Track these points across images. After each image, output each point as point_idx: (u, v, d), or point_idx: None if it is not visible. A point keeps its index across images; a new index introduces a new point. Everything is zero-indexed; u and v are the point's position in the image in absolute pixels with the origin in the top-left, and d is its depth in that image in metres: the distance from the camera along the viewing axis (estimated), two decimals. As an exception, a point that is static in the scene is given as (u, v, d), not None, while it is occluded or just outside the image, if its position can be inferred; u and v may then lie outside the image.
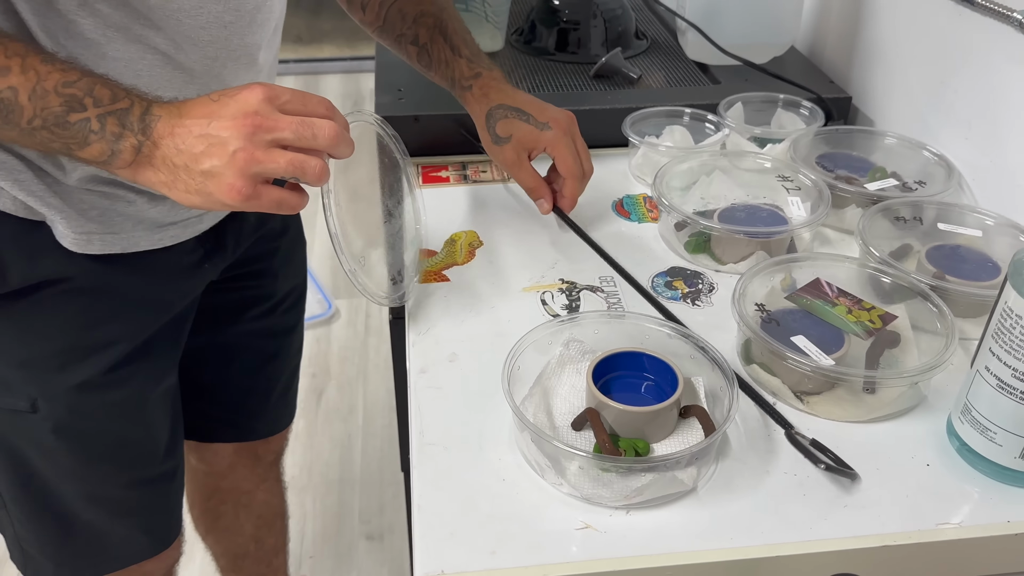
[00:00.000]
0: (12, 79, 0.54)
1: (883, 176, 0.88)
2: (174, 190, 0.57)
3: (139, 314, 0.75)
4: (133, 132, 0.56)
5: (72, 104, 0.55)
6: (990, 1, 0.81)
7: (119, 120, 0.56)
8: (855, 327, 0.66)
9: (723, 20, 1.08)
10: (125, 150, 0.56)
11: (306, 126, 0.57)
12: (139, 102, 0.57)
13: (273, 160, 0.55)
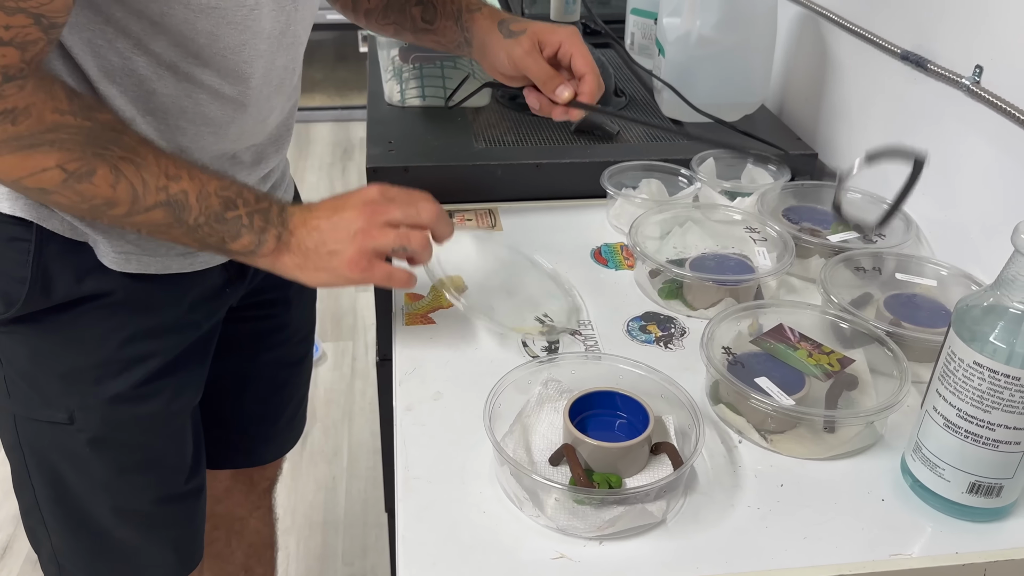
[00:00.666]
0: (184, 184, 0.66)
1: (845, 229, 0.93)
2: (305, 271, 0.69)
3: (170, 332, 0.80)
4: (274, 225, 0.69)
5: (228, 204, 0.67)
6: (941, 68, 0.87)
7: (263, 217, 0.69)
8: (815, 370, 0.71)
9: (697, 80, 1.14)
10: (269, 240, 0.69)
11: (411, 207, 0.70)
12: (276, 204, 0.70)
13: (385, 235, 0.69)
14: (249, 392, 1.00)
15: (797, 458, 0.67)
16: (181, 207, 0.66)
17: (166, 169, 0.65)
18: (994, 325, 0.57)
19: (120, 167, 0.63)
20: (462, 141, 1.11)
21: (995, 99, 0.79)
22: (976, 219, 0.84)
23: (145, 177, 0.64)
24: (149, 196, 0.64)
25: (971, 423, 0.59)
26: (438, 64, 1.24)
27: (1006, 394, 0.57)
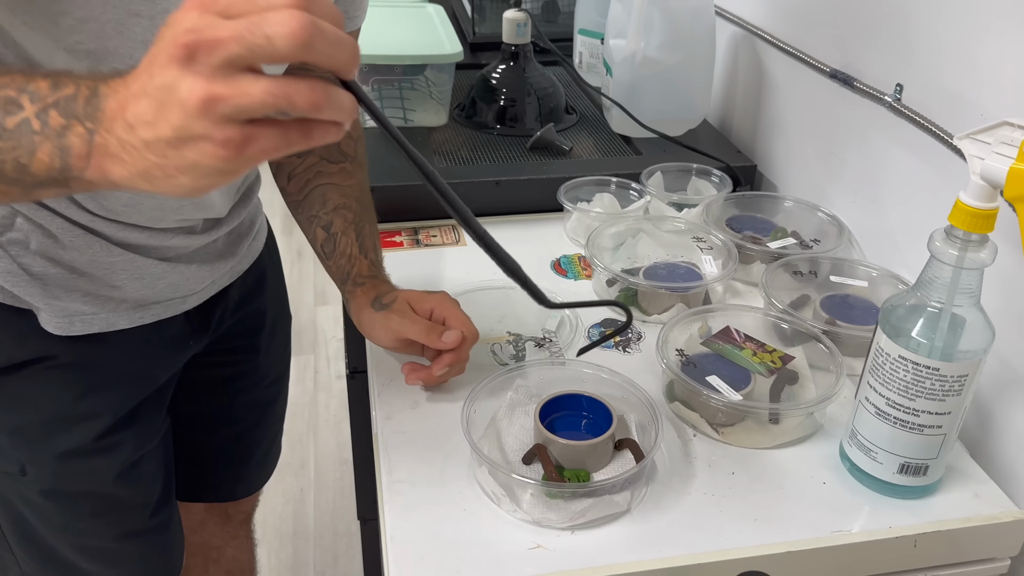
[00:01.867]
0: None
1: (784, 235, 1.01)
2: (154, 180, 0.44)
3: (123, 387, 0.78)
4: (79, 119, 0.45)
5: (6, 106, 0.45)
6: (865, 85, 0.95)
7: (63, 111, 0.45)
8: (760, 367, 0.77)
9: (643, 98, 1.21)
10: (73, 144, 0.45)
11: (256, 29, 0.39)
12: (86, 83, 0.45)
13: (242, 92, 0.40)
14: (219, 432, 0.99)
15: (746, 448, 0.74)
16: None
17: None
18: (916, 322, 0.65)
19: None
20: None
21: (914, 115, 0.87)
22: (901, 224, 0.92)
23: None
24: None
25: (899, 411, 0.66)
26: (396, 85, 1.29)
27: (928, 383, 0.64)
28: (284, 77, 0.41)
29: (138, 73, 0.43)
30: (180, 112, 0.40)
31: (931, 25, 0.84)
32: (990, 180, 0.59)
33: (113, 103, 0.44)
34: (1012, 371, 0.75)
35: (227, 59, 0.40)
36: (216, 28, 0.40)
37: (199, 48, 0.40)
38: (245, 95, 0.40)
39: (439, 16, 1.36)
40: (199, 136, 0.41)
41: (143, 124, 0.42)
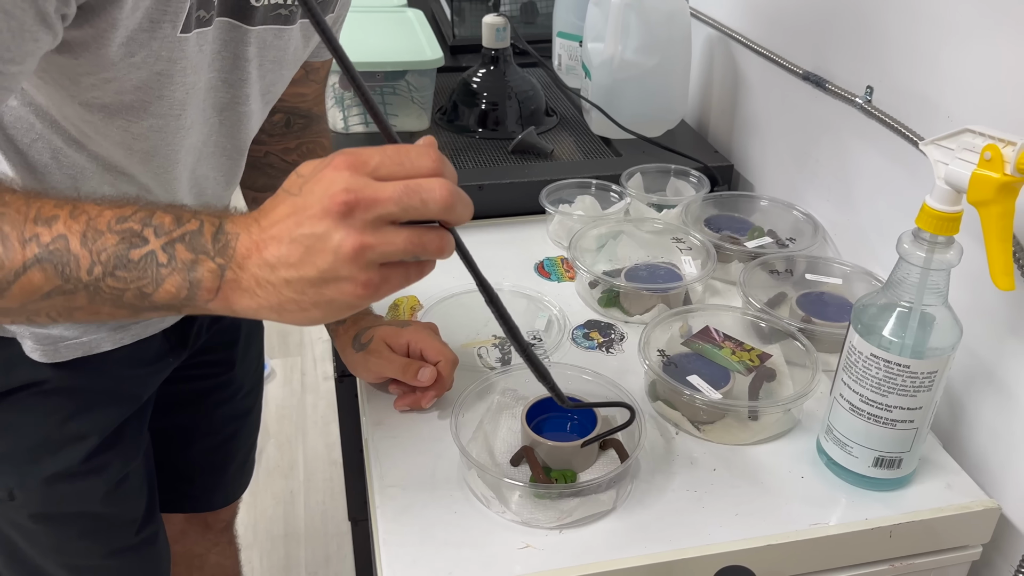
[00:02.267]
0: (59, 227, 0.49)
1: (760, 235, 1.03)
2: (285, 312, 0.49)
3: (107, 408, 0.79)
4: (209, 256, 0.49)
5: (131, 239, 0.49)
6: (837, 87, 0.97)
7: (189, 245, 0.49)
8: (738, 366, 0.80)
9: (621, 100, 1.23)
10: (204, 278, 0.49)
11: (411, 194, 0.47)
12: (209, 220, 0.50)
13: (388, 243, 0.47)
14: (197, 444, 1.00)
15: (727, 444, 0.76)
16: (62, 260, 0.48)
17: (37, 212, 0.49)
18: (886, 321, 0.67)
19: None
20: (406, 165, 1.17)
21: (884, 116, 0.89)
22: (873, 222, 0.95)
23: (4, 229, 0.48)
24: (14, 253, 0.48)
25: (872, 406, 0.68)
26: (378, 91, 1.30)
27: (899, 380, 0.66)
28: (418, 228, 0.49)
29: (276, 217, 0.48)
30: (330, 258, 0.47)
31: (899, 30, 0.86)
32: (954, 184, 0.61)
33: (246, 241, 0.49)
34: (981, 364, 0.78)
35: (381, 216, 0.47)
36: (374, 189, 0.47)
37: (357, 206, 0.46)
38: (391, 244, 0.47)
39: (419, 21, 1.38)
40: (343, 278, 0.47)
41: (286, 265, 0.47)
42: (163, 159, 0.68)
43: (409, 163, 0.48)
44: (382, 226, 0.47)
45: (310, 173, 0.49)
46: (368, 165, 0.48)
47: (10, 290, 0.48)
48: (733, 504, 0.70)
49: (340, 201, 0.46)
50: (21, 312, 0.50)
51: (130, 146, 0.66)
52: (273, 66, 0.72)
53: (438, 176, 0.48)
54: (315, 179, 0.48)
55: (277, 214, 0.49)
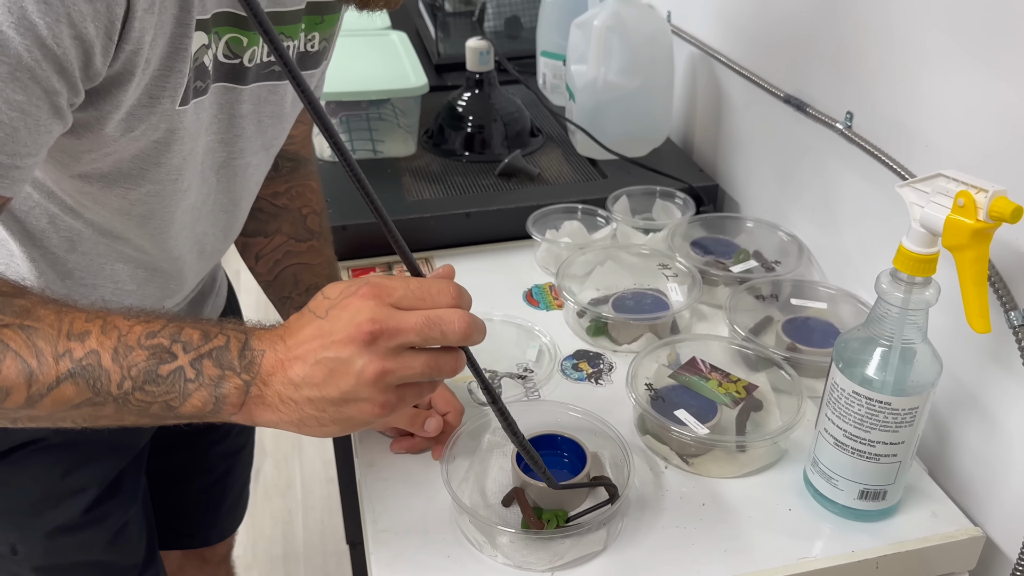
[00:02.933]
0: (92, 342, 0.51)
1: (746, 258, 1.04)
2: (304, 427, 0.53)
3: (106, 458, 0.80)
4: (235, 372, 0.51)
5: (160, 355, 0.51)
6: (818, 112, 0.98)
7: (216, 361, 0.51)
8: (725, 398, 0.81)
9: (606, 120, 1.24)
10: (230, 394, 0.51)
11: (432, 326, 0.52)
12: (235, 336, 0.53)
13: (407, 367, 0.52)
14: (192, 484, 1.01)
15: (715, 478, 0.77)
16: (94, 374, 0.50)
17: (69, 327, 0.51)
18: (868, 358, 0.68)
19: (3, 337, 0.50)
20: (395, 194, 1.18)
21: (864, 142, 0.90)
22: (856, 245, 0.96)
23: (39, 345, 0.50)
24: (47, 369, 0.50)
25: (855, 441, 0.69)
26: (364, 117, 1.31)
27: (881, 416, 0.68)
28: (434, 352, 0.53)
29: (302, 338, 0.52)
30: (353, 381, 0.50)
31: (878, 57, 0.87)
32: (929, 227, 0.62)
33: (271, 359, 0.52)
34: (965, 390, 0.79)
35: (402, 344, 0.51)
36: (397, 320, 0.51)
37: (381, 335, 0.51)
38: (409, 369, 0.52)
39: (403, 44, 1.38)
40: (363, 399, 0.51)
41: (310, 385, 0.51)
42: (160, 221, 0.69)
43: (430, 297, 0.53)
44: (402, 352, 0.52)
45: (336, 297, 0.53)
46: (392, 296, 0.52)
47: (42, 402, 0.50)
48: (722, 540, 0.71)
49: (366, 331, 0.50)
50: (49, 419, 0.52)
51: (127, 211, 0.66)
52: (272, 120, 0.73)
53: (456, 307, 0.53)
54: (341, 305, 0.52)
55: (303, 335, 0.52)
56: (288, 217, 0.91)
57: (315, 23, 0.72)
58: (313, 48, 0.73)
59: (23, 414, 0.51)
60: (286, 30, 0.68)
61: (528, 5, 1.71)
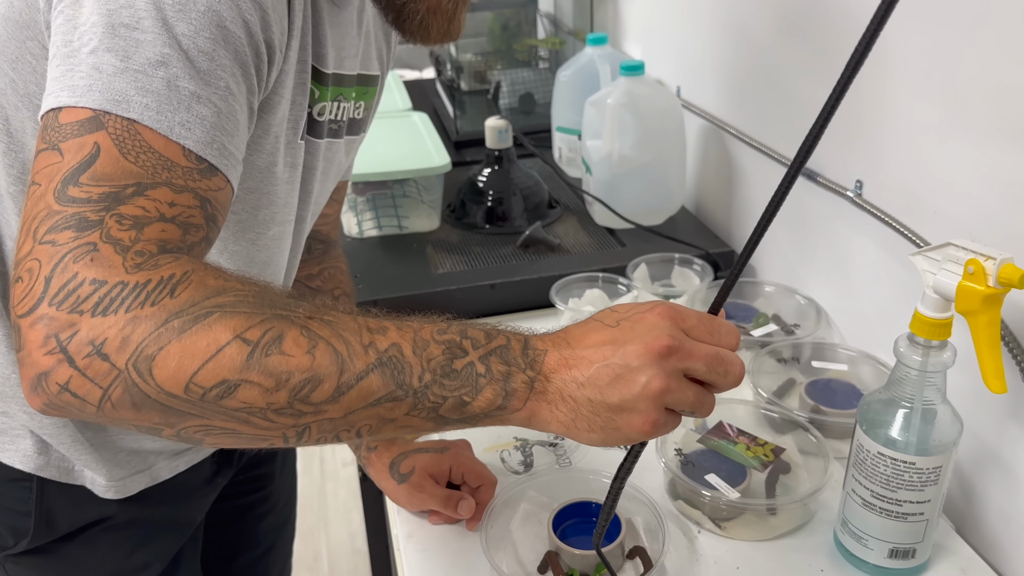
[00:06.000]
0: (392, 335, 0.52)
1: (766, 321, 1.07)
2: (573, 428, 0.53)
3: (168, 535, 0.83)
4: (520, 368, 0.53)
5: (453, 350, 0.53)
6: (828, 181, 1.02)
7: (501, 358, 0.53)
8: (754, 461, 0.83)
9: (622, 192, 1.29)
10: (519, 389, 0.52)
11: (720, 362, 0.53)
12: (514, 337, 0.55)
13: (683, 392, 0.53)
14: (240, 559, 1.03)
15: (748, 541, 0.79)
16: (398, 366, 0.51)
17: (366, 323, 0.53)
18: (891, 419, 0.70)
19: (311, 327, 0.51)
20: (421, 267, 1.22)
21: (875, 210, 0.94)
22: (873, 307, 0.99)
23: (345, 335, 0.51)
24: (357, 359, 0.50)
25: (883, 501, 0.71)
26: (389, 194, 1.36)
27: (906, 476, 0.70)
28: (705, 389, 0.54)
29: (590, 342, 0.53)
30: (636, 390, 0.51)
31: (885, 129, 0.92)
32: (942, 294, 0.65)
33: (555, 358, 0.53)
34: (986, 447, 0.81)
35: (688, 369, 0.53)
36: (692, 345, 0.53)
37: (675, 353, 0.52)
38: (684, 394, 0.53)
39: (424, 124, 1.44)
40: (638, 411, 0.52)
41: (594, 386, 0.52)
42: (276, 267, 0.74)
43: (718, 334, 0.55)
44: (683, 377, 0.53)
45: (627, 312, 0.55)
46: (686, 323, 0.54)
47: (348, 394, 0.50)
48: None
49: (663, 344, 0.52)
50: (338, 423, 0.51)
51: (252, 258, 0.71)
52: (323, 177, 0.79)
53: (741, 366, 0.55)
54: (636, 318, 0.54)
55: (592, 339, 0.53)
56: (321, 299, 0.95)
57: (362, 93, 0.79)
58: (359, 115, 0.81)
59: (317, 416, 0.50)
60: (344, 92, 0.75)
61: (540, 82, 1.78)
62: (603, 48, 1.45)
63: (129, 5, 0.52)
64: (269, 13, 0.57)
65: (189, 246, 0.52)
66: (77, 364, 0.47)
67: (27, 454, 0.72)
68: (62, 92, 0.52)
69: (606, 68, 1.41)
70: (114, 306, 0.48)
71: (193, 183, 0.53)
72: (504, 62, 1.86)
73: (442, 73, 1.85)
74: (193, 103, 0.53)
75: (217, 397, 0.48)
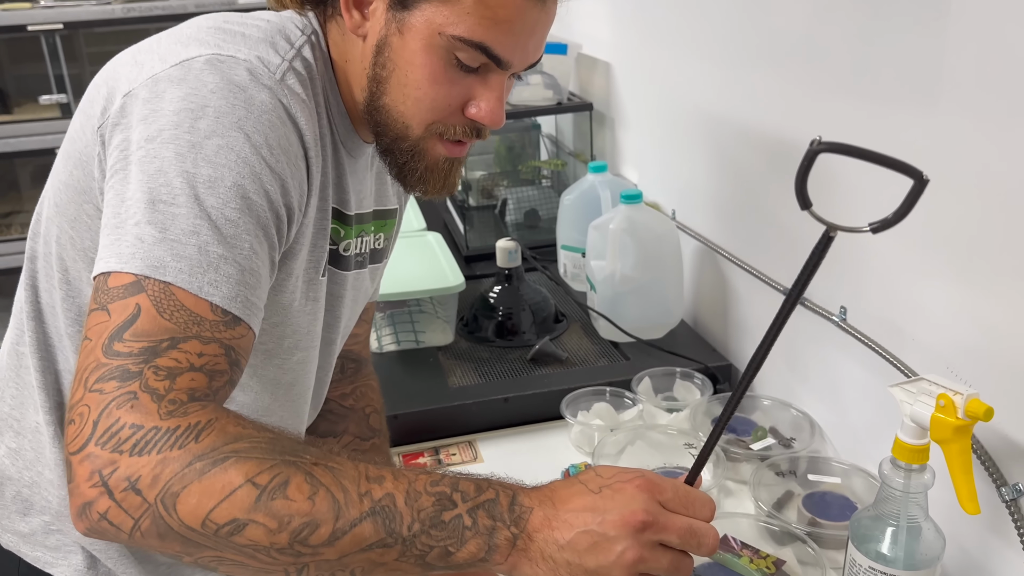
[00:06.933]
0: (388, 486, 0.57)
1: (764, 435, 1.15)
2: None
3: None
4: (506, 524, 0.58)
5: (443, 502, 0.57)
6: (815, 305, 1.12)
7: (488, 512, 0.58)
8: (757, 574, 0.89)
9: (624, 308, 1.38)
10: (502, 544, 0.57)
11: (693, 535, 0.59)
12: (503, 491, 0.59)
13: (657, 560, 0.58)
14: None
15: (754, 650, 0.85)
16: (390, 515, 0.56)
17: (367, 471, 0.58)
18: (880, 535, 0.77)
19: (315, 474, 0.57)
20: (438, 381, 1.30)
21: (858, 334, 1.03)
22: (862, 423, 1.07)
23: (344, 483, 0.57)
24: (352, 507, 0.56)
25: (877, 612, 0.78)
26: (407, 311, 1.45)
27: (896, 588, 0.76)
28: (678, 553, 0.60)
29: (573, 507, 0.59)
30: (611, 559, 0.57)
31: (865, 263, 1.01)
32: (919, 423, 0.74)
33: (539, 517, 0.59)
34: (970, 559, 0.88)
35: (663, 540, 0.58)
36: (666, 519, 0.58)
37: (650, 527, 0.58)
38: (658, 563, 0.59)
39: (439, 244, 1.55)
40: None
41: (573, 550, 0.58)
42: (301, 388, 0.83)
43: (692, 506, 0.61)
44: (657, 546, 0.59)
45: (610, 479, 0.61)
46: (663, 495, 0.60)
47: (342, 540, 0.56)
48: None
49: (639, 520, 0.58)
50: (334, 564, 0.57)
51: (278, 380, 0.80)
52: (352, 304, 0.90)
53: (715, 536, 0.61)
54: (617, 487, 0.60)
55: (575, 504, 0.60)
56: (354, 417, 1.03)
57: (380, 226, 0.91)
58: (380, 245, 0.92)
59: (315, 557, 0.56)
60: (365, 228, 0.87)
61: (544, 199, 1.90)
62: (603, 175, 1.57)
63: (167, 184, 0.63)
64: (288, 181, 0.68)
65: (215, 391, 0.61)
66: (115, 497, 0.56)
67: (77, 568, 0.79)
68: (111, 258, 0.62)
69: (607, 193, 1.52)
70: (148, 447, 0.56)
71: (219, 334, 0.61)
72: (510, 180, 1.99)
73: (452, 191, 1.97)
74: (220, 264, 0.62)
75: (228, 534, 0.55)
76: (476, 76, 0.73)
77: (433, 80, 0.72)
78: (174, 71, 0.67)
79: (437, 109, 0.74)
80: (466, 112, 0.75)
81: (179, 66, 0.67)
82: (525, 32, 0.71)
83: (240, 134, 0.64)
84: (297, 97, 0.69)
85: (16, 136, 3.11)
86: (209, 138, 0.63)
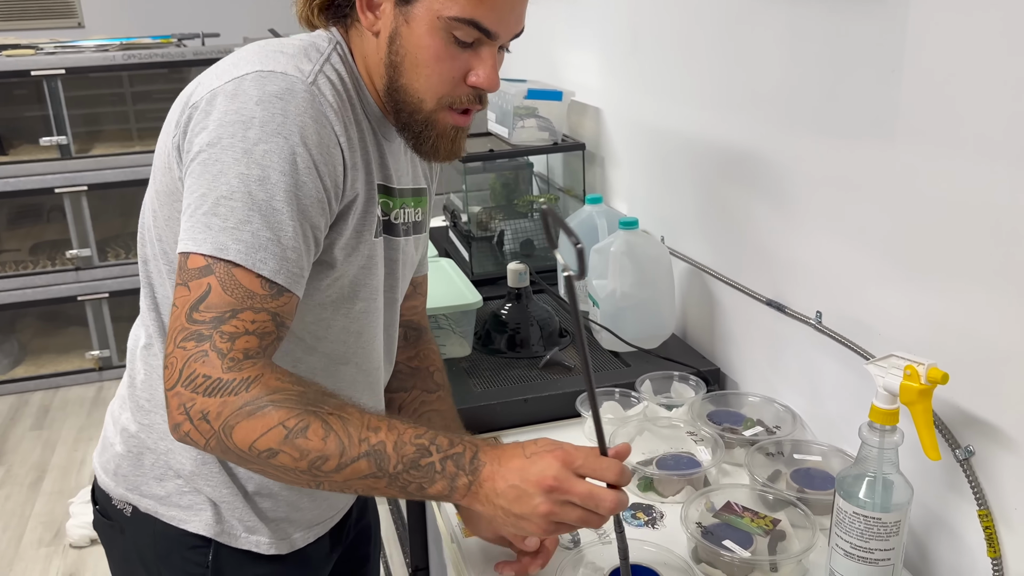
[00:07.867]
0: (383, 435, 0.78)
1: (752, 425, 1.32)
2: (495, 521, 0.84)
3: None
4: (465, 473, 0.79)
5: (422, 451, 0.78)
6: (794, 312, 1.30)
7: (455, 463, 0.79)
8: (757, 530, 1.06)
9: (624, 322, 1.56)
10: (460, 487, 0.79)
11: (592, 498, 0.78)
12: (469, 447, 0.80)
13: (566, 515, 0.79)
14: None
15: (758, 592, 1.01)
16: (381, 457, 0.77)
17: (368, 422, 0.78)
18: (860, 488, 0.95)
19: (329, 422, 0.77)
20: (464, 387, 1.46)
21: (833, 334, 1.22)
22: (838, 412, 1.25)
23: (350, 430, 0.77)
24: (353, 448, 0.77)
25: (859, 551, 0.95)
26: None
27: (875, 529, 0.94)
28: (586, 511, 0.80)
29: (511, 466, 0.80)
30: (528, 509, 0.79)
31: (836, 272, 1.21)
32: (890, 391, 0.92)
33: (489, 470, 0.80)
34: (933, 514, 1.06)
35: (568, 500, 0.79)
36: (571, 484, 0.78)
37: (556, 489, 0.78)
38: (567, 516, 0.80)
39: (452, 268, 1.71)
40: (532, 522, 0.80)
41: (504, 498, 0.80)
42: (369, 336, 0.99)
43: (599, 472, 0.81)
44: (566, 504, 0.79)
45: (540, 448, 0.82)
46: (574, 464, 0.80)
47: (345, 470, 0.77)
48: (772, 635, 0.94)
49: (548, 484, 0.79)
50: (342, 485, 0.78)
51: (348, 328, 0.95)
52: (404, 268, 1.06)
53: (616, 486, 0.81)
54: (539, 456, 0.81)
55: (512, 464, 0.81)
56: (420, 375, 1.20)
57: (417, 201, 1.07)
58: (419, 218, 1.08)
59: (327, 478, 0.78)
60: (406, 201, 1.03)
61: (537, 231, 2.08)
62: (599, 206, 1.76)
63: (227, 183, 0.81)
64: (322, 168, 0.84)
65: (264, 348, 0.80)
66: (194, 423, 0.78)
67: (207, 522, 0.94)
68: (188, 241, 0.81)
69: (603, 221, 1.71)
70: (215, 392, 0.77)
71: (267, 304, 0.81)
72: (505, 214, 2.17)
73: (457, 224, 2.14)
74: (268, 245, 0.81)
75: (266, 457, 0.77)
76: (472, 50, 0.88)
77: (438, 58, 0.87)
78: (228, 86, 0.84)
79: (444, 82, 0.89)
80: (467, 81, 0.90)
81: (232, 82, 0.84)
82: (507, 7, 0.87)
83: (281, 139, 0.82)
84: (327, 95, 0.86)
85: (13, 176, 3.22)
86: (257, 144, 0.81)
